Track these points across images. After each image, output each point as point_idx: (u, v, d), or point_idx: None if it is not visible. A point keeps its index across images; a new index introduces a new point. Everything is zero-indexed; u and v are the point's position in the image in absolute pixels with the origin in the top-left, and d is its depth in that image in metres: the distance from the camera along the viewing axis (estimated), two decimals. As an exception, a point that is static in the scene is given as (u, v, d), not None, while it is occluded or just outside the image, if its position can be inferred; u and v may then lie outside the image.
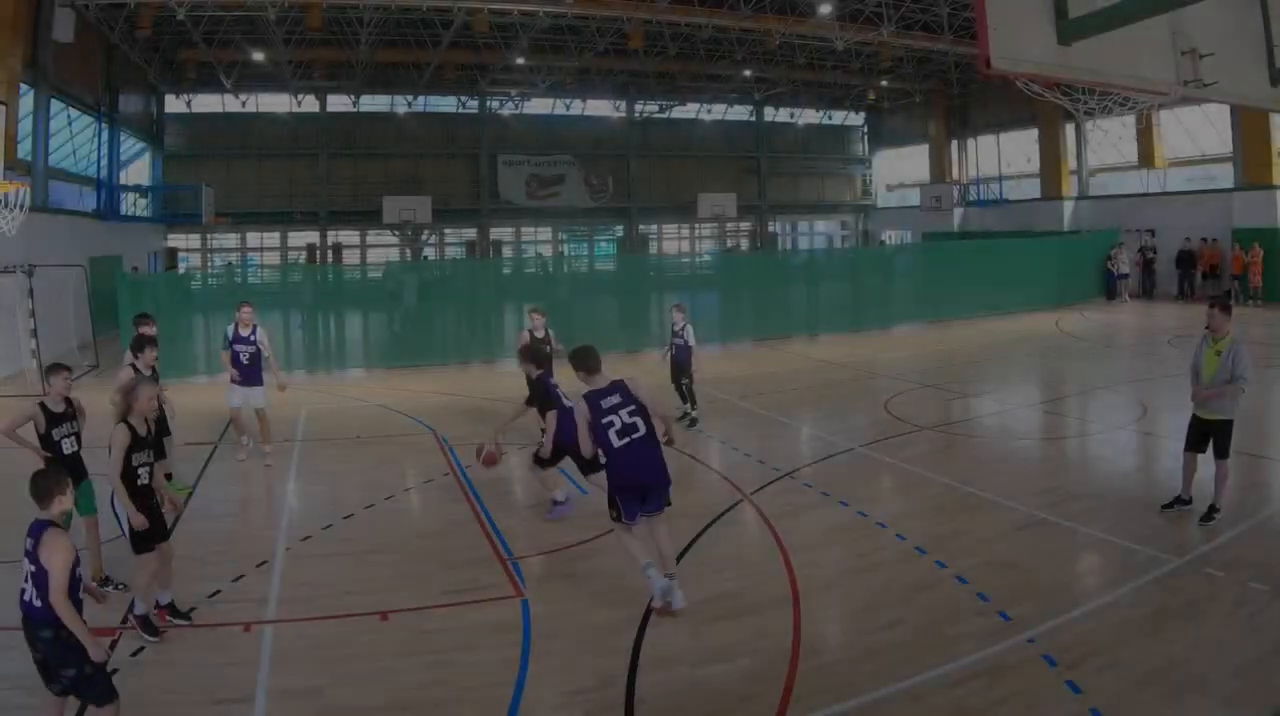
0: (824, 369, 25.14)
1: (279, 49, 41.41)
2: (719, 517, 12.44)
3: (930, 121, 57.40)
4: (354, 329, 28.80)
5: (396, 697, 7.93)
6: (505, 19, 39.82)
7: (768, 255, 54.14)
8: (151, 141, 48.87)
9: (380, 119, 55.02)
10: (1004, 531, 11.65)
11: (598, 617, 9.41)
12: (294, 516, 13.09)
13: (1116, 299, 39.83)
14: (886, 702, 7.64)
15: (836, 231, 67.12)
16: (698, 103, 58.83)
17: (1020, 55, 7.45)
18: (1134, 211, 43.41)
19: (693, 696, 7.88)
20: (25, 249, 23.53)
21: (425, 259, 54.13)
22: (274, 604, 9.82)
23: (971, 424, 18.55)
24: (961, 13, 37.83)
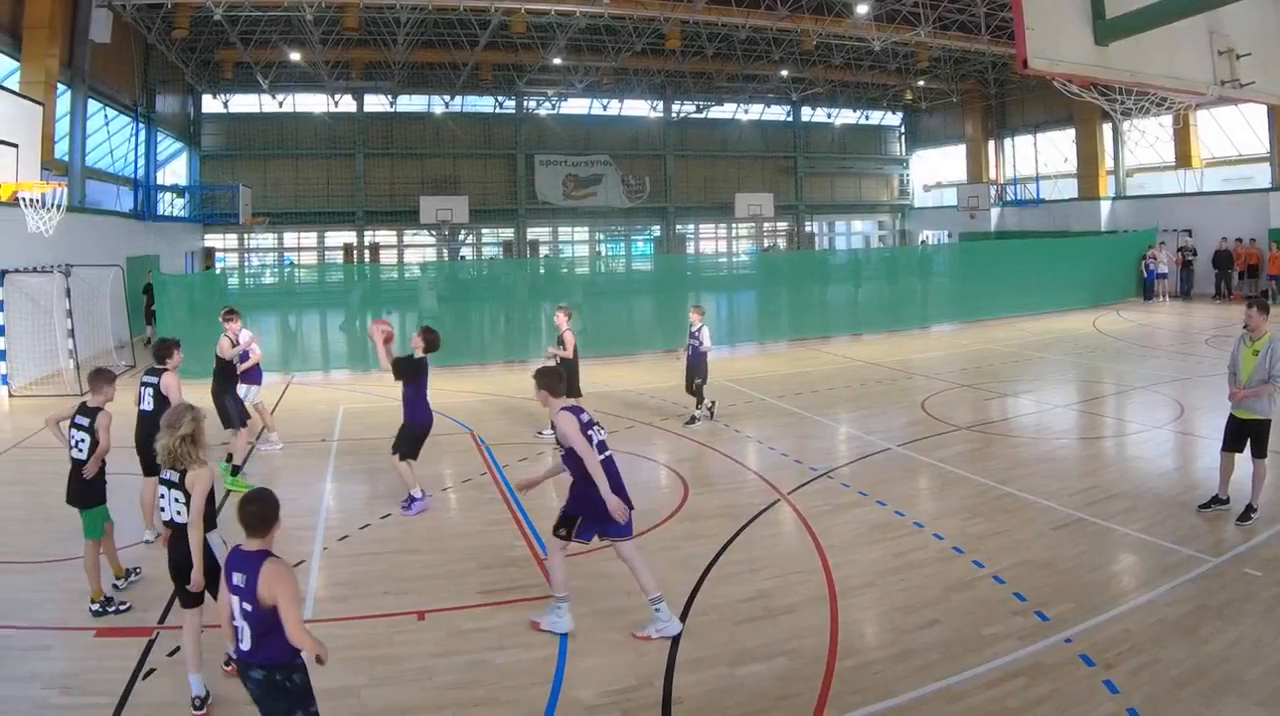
0: (861, 368, 25.11)
1: (316, 49, 41.59)
2: (756, 517, 12.43)
3: (967, 121, 57.27)
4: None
5: (433, 697, 7.95)
6: (542, 19, 39.85)
7: (805, 255, 53.92)
8: (188, 141, 49.17)
9: (417, 119, 55.08)
10: (1041, 531, 11.61)
11: (635, 617, 9.38)
12: (331, 516, 13.14)
13: (1154, 299, 39.61)
14: (924, 702, 7.65)
15: (873, 231, 67.03)
16: (735, 103, 58.76)
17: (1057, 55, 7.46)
18: (1171, 211, 43.25)
19: (730, 696, 7.86)
20: (63, 249, 23.67)
21: (462, 259, 54.29)
22: (311, 604, 9.85)
23: (1009, 423, 18.51)
24: (999, 13, 37.75)
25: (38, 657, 8.66)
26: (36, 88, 25.69)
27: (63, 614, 9.68)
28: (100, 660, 8.55)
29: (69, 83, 30.59)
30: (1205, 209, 41.43)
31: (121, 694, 7.89)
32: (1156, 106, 22.74)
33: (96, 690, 7.94)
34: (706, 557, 10.91)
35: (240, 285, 36.49)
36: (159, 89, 42.06)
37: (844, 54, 47.75)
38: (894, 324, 33.42)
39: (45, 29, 27.00)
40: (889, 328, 33.01)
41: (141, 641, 8.89)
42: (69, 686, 8.01)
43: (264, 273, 46.61)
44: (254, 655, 6.07)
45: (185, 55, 42.80)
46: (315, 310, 31.44)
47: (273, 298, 34.14)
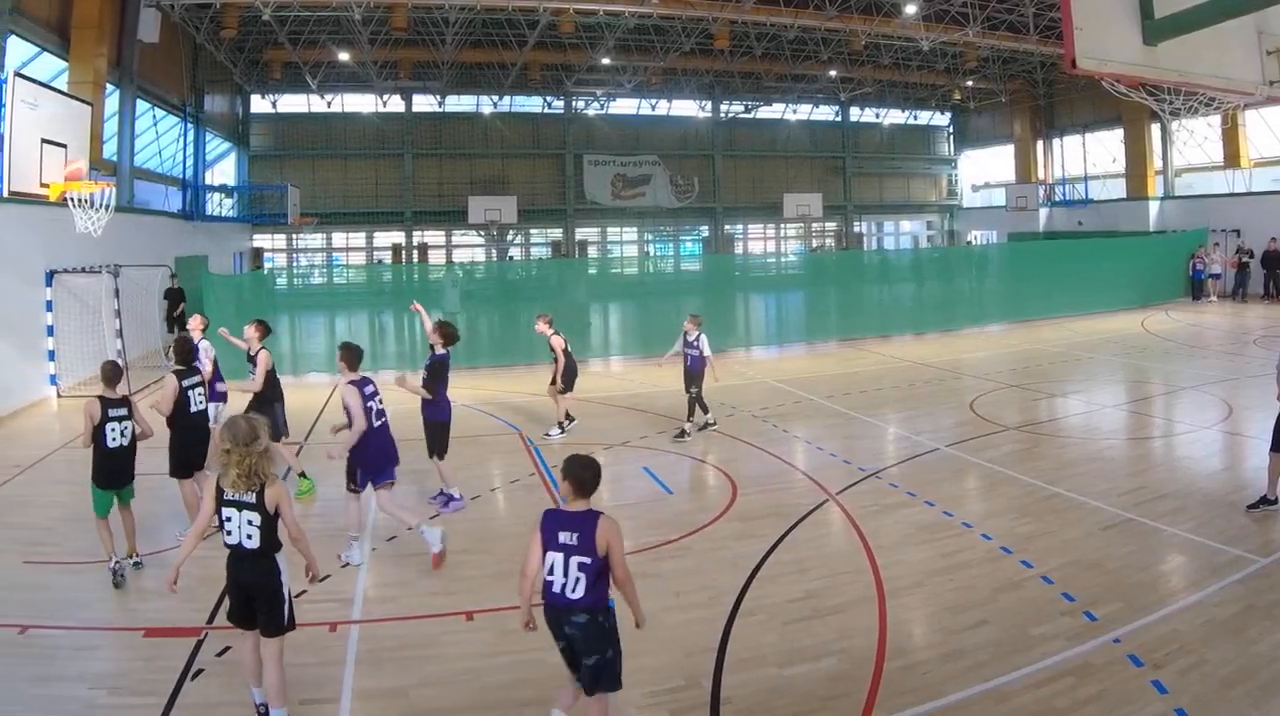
0: (910, 368, 25.06)
1: (364, 49, 41.76)
2: (805, 518, 12.43)
3: (1016, 121, 57.01)
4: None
5: (481, 698, 8.00)
6: (591, 19, 39.88)
7: (853, 255, 53.84)
8: (237, 141, 49.41)
9: (466, 119, 55.25)
10: (1090, 531, 11.58)
11: (683, 617, 9.44)
12: (379, 517, 13.03)
13: (1203, 299, 39.33)
14: (972, 702, 7.66)
15: (922, 231, 66.76)
16: (783, 103, 58.64)
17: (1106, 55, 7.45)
18: (1219, 211, 42.93)
19: (778, 696, 7.89)
20: (111, 249, 23.64)
21: (510, 259, 54.46)
22: (359, 604, 9.93)
23: (1057, 424, 18.44)
24: (1047, 13, 37.57)
25: (86, 657, 8.76)
26: (85, 88, 25.78)
27: (111, 614, 9.78)
28: (148, 660, 8.62)
29: (117, 83, 30.73)
30: (1254, 209, 41.05)
31: (170, 694, 7.95)
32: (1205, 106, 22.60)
33: (144, 690, 8.00)
34: (755, 558, 10.91)
35: (289, 285, 36.68)
36: (207, 89, 42.25)
37: (892, 54, 47.61)
38: (942, 324, 33.34)
39: (94, 29, 27.08)
40: (937, 327, 32.94)
41: (190, 642, 8.95)
42: (117, 686, 8.09)
43: (312, 273, 46.82)
44: (582, 601, 6.80)
45: (234, 55, 43.02)
46: (363, 311, 31.59)
47: (321, 298, 34.33)
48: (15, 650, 8.80)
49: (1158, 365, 24.59)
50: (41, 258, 22.04)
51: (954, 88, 55.74)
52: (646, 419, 19.06)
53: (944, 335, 31.93)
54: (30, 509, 13.04)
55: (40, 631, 9.21)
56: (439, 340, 13.64)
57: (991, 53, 46.43)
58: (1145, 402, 20.35)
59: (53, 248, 22.24)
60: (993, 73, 51.15)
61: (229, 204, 45.29)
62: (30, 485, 14.52)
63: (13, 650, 8.80)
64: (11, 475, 15.20)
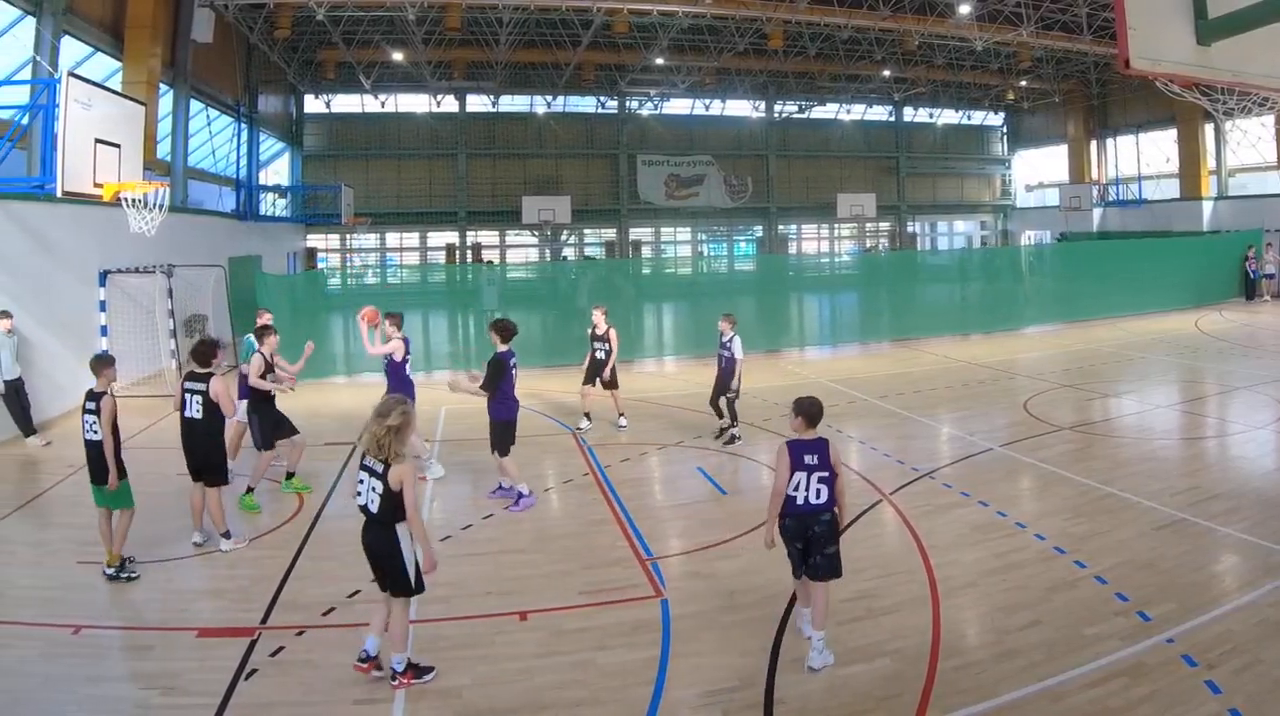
0: (963, 369, 25.05)
1: (418, 49, 42.04)
2: (859, 518, 12.46)
3: (1069, 121, 56.89)
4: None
5: (535, 698, 8.03)
6: (644, 19, 39.96)
7: (907, 255, 53.84)
8: (290, 142, 49.84)
9: (519, 119, 55.56)
10: (1143, 531, 11.57)
11: (737, 617, 9.48)
12: (433, 516, 13.21)
13: (1257, 298, 39.03)
14: (1026, 702, 7.67)
15: (976, 232, 66.68)
16: (837, 103, 58.66)
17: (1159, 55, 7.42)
18: (1274, 212, 42.66)
19: (832, 697, 7.92)
20: (165, 249, 23.90)
21: (564, 259, 54.54)
22: (413, 604, 9.92)
23: (1111, 424, 18.37)
24: (1101, 13, 37.44)
25: (139, 657, 8.87)
26: (139, 88, 25.92)
27: (164, 614, 9.85)
28: (202, 660, 8.69)
29: (171, 83, 31.02)
30: (1307, 209, 40.67)
31: (223, 694, 8.02)
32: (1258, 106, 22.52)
33: (198, 690, 8.08)
34: (809, 557, 10.90)
35: (342, 286, 36.90)
36: (261, 89, 42.54)
37: (946, 54, 47.56)
38: (996, 324, 33.28)
39: (147, 29, 27.30)
40: (991, 328, 32.88)
41: (243, 642, 9.03)
42: (170, 686, 8.15)
43: (366, 273, 47.12)
44: (825, 505, 8.64)
45: (287, 55, 43.44)
46: (417, 311, 31.75)
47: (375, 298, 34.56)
48: (69, 650, 8.91)
49: (1211, 365, 24.45)
50: (95, 258, 22.25)
51: (1008, 88, 55.61)
52: (700, 419, 19.01)
53: (997, 335, 31.85)
54: (83, 509, 13.13)
55: (94, 631, 9.33)
56: (496, 338, 13.62)
57: (1045, 53, 46.32)
58: (1199, 403, 20.20)
59: (107, 248, 22.44)
60: (1046, 73, 51.04)
61: (282, 204, 45.69)
62: (83, 485, 14.56)
63: (67, 650, 8.90)
64: (65, 475, 15.38)
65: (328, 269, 50.29)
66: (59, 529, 12.81)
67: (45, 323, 19.74)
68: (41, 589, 10.47)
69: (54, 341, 20.00)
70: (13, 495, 14.57)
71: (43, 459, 16.96)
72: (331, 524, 12.86)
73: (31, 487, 15.03)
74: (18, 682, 8.20)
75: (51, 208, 20.18)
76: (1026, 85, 53.78)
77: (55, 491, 14.70)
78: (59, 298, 20.57)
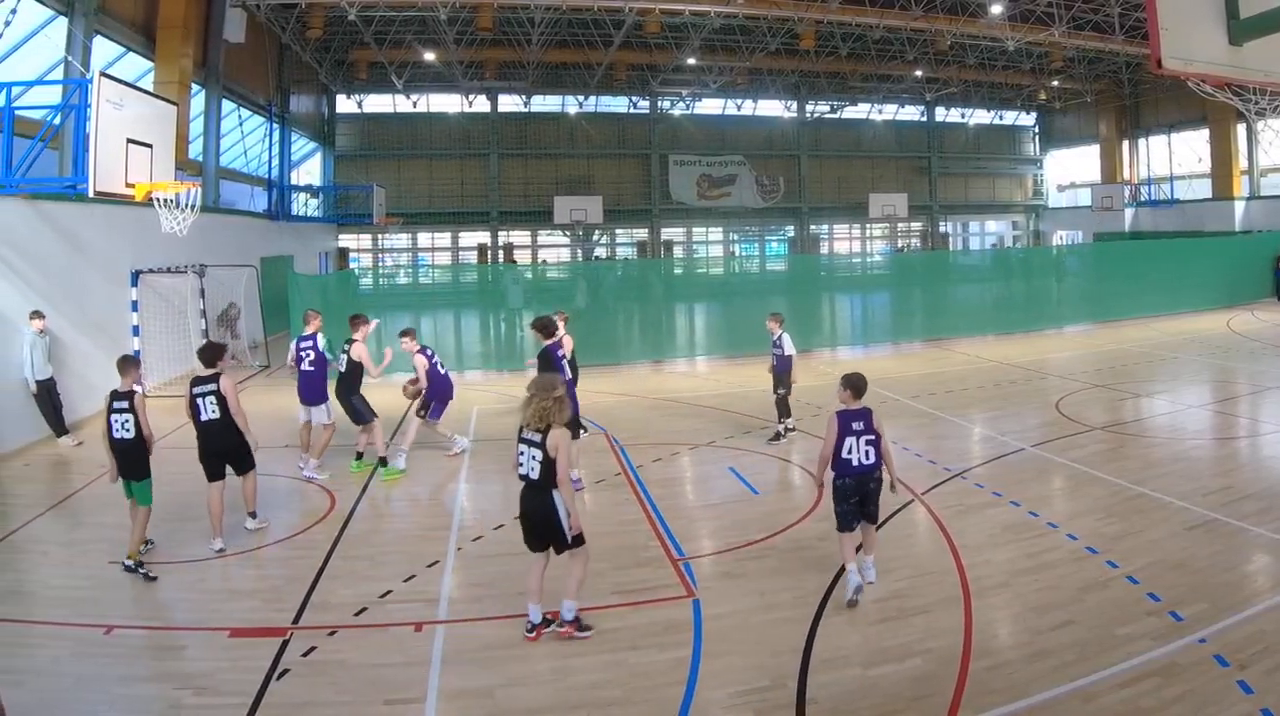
0: (995, 369, 25.02)
1: (450, 49, 42.13)
2: (890, 517, 12.39)
3: (1101, 121, 56.81)
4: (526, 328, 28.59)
5: (567, 698, 8.04)
6: (676, 19, 39.98)
7: (939, 255, 53.89)
8: (322, 141, 50.03)
9: (551, 119, 55.67)
10: (1175, 531, 11.55)
11: (768, 617, 9.49)
12: (465, 516, 13.25)
13: (1287, 299, 38.62)
14: (1057, 703, 7.65)
15: (1008, 231, 66.64)
16: (869, 103, 58.66)
17: (1191, 56, 7.41)
18: (1304, 212, 42.28)
19: (863, 697, 7.92)
20: (197, 249, 24.09)
21: (596, 259, 54.67)
22: (445, 604, 10.02)
23: (1142, 424, 18.34)
24: (1133, 13, 37.33)
25: (172, 657, 8.92)
26: (170, 88, 26.04)
27: (197, 614, 9.90)
28: (234, 660, 8.73)
29: (203, 83, 31.15)
30: (1339, 209, 40.49)
31: (255, 694, 8.05)
32: (1290, 106, 22.35)
33: (230, 690, 8.11)
34: (841, 557, 10.84)
35: (374, 286, 37.00)
36: (293, 89, 42.72)
37: (978, 54, 47.46)
38: (1027, 324, 33.22)
39: (179, 29, 27.39)
40: (1023, 328, 32.80)
41: (276, 642, 9.06)
42: (203, 686, 8.18)
43: (398, 273, 47.29)
44: (875, 465, 9.96)
45: (319, 55, 43.60)
46: (449, 310, 31.84)
47: (406, 298, 34.68)
48: (102, 650, 8.95)
49: (1243, 365, 24.39)
50: (127, 257, 22.35)
51: (1039, 88, 55.57)
52: (732, 419, 19.11)
53: (1029, 335, 31.79)
54: (116, 509, 13.17)
55: (126, 631, 9.37)
56: (539, 337, 14.09)
57: (1077, 53, 46.28)
58: (1231, 403, 20.11)
59: (138, 248, 22.55)
60: (1078, 73, 50.97)
61: (314, 204, 45.92)
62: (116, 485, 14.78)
63: (99, 650, 8.94)
64: (97, 475, 15.28)
65: (360, 269, 50.34)
66: (91, 528, 12.85)
67: (77, 323, 19.83)
68: (73, 589, 10.52)
69: (86, 341, 20.09)
70: (45, 495, 14.68)
71: (75, 459, 17.05)
72: (363, 524, 12.93)
73: (63, 487, 15.12)
74: (50, 682, 8.24)
75: (83, 208, 20.29)
76: (1058, 85, 53.69)
77: (87, 491, 14.76)
78: (91, 298, 20.65)
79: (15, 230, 17.89)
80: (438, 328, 31.11)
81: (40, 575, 11.05)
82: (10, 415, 17.12)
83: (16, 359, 17.34)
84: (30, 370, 17.41)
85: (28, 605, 10.02)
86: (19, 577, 10.91)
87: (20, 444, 17.37)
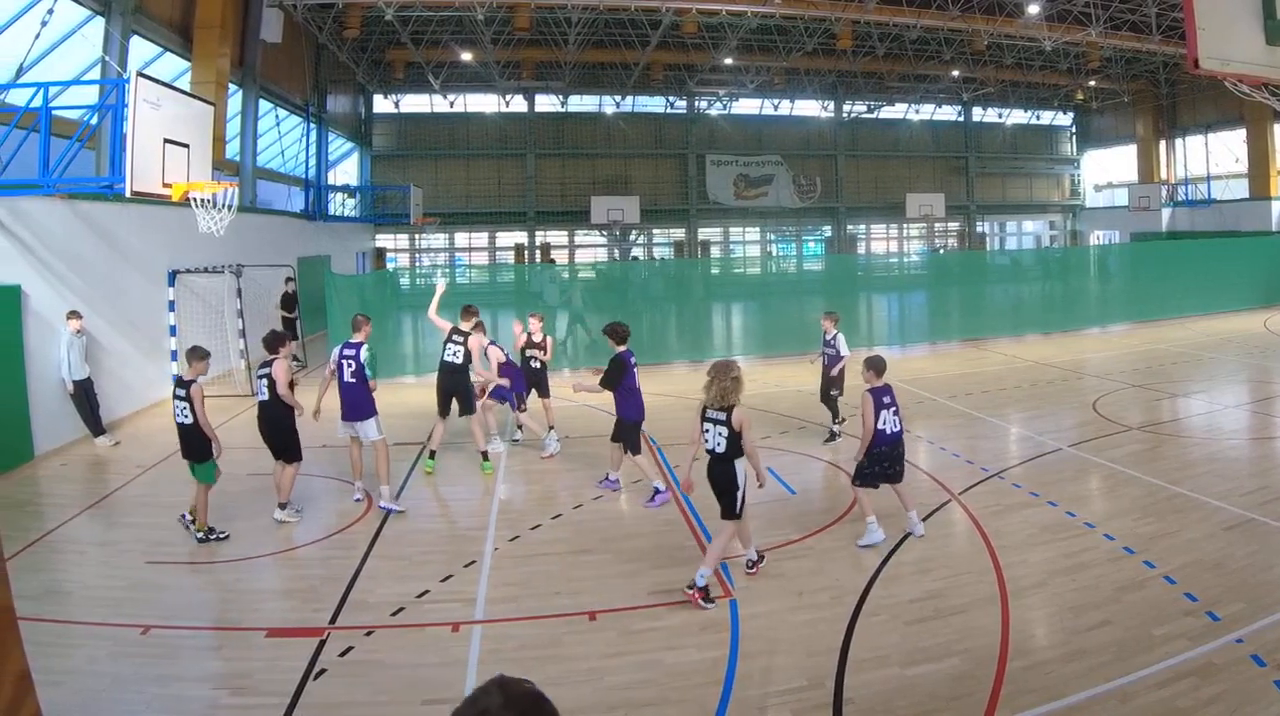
0: (1031, 369, 25.01)
1: (487, 49, 42.09)
2: (927, 518, 12.48)
3: (1138, 121, 56.52)
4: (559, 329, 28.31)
5: (604, 698, 8.08)
6: (713, 19, 40.00)
7: (975, 255, 53.77)
8: (359, 141, 50.17)
9: (588, 119, 55.69)
10: (1212, 531, 11.53)
11: (806, 617, 9.53)
12: (502, 517, 13.29)
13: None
14: (1094, 702, 7.66)
15: (1045, 231, 66.26)
16: (906, 103, 58.57)
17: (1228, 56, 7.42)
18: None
19: (901, 696, 7.94)
20: (233, 249, 24.17)
21: (634, 259, 54.69)
22: (482, 604, 10.06)
23: (1179, 424, 18.33)
24: (1170, 13, 37.27)
25: (209, 657, 9.00)
26: (207, 88, 26.02)
27: (235, 614, 10.00)
28: (271, 660, 8.79)
29: (240, 83, 31.26)
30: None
31: (292, 694, 8.11)
32: (1327, 107, 22.20)
33: (267, 690, 8.18)
34: (878, 558, 11.03)
35: (411, 285, 37.13)
36: (330, 89, 42.85)
37: (1015, 54, 47.32)
38: (1064, 324, 33.24)
39: (216, 29, 27.43)
40: (1060, 328, 32.81)
41: (313, 642, 9.13)
42: (240, 686, 8.25)
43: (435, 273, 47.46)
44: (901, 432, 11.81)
45: (356, 55, 43.59)
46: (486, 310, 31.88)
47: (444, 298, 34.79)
48: (138, 650, 9.02)
49: (1280, 365, 24.14)
50: (164, 257, 22.42)
51: (1076, 88, 55.32)
52: (770, 419, 19.14)
53: (1066, 335, 31.77)
54: (152, 509, 13.31)
55: (163, 631, 9.42)
56: (611, 342, 14.06)
57: (1114, 53, 46.06)
58: (1268, 402, 20.08)
59: (175, 248, 22.64)
60: (1115, 73, 50.70)
61: (351, 204, 46.11)
62: (152, 485, 14.79)
63: (136, 650, 9.01)
64: (134, 475, 15.60)
65: (397, 269, 50.49)
66: (128, 529, 12.92)
67: (114, 323, 19.95)
68: (110, 589, 10.60)
69: (123, 341, 20.25)
70: (82, 495, 14.75)
71: (112, 459, 17.14)
72: (400, 524, 12.97)
73: (100, 487, 15.19)
74: (87, 682, 8.30)
75: (120, 208, 20.37)
76: (1095, 85, 53.42)
77: (124, 491, 14.84)
78: (128, 298, 20.75)
79: (52, 230, 17.99)
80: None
81: (77, 575, 11.09)
82: (47, 415, 17.20)
83: (54, 359, 17.42)
84: (67, 370, 17.47)
85: (65, 605, 10.07)
86: (56, 577, 10.96)
87: (57, 444, 17.45)
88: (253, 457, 13.25)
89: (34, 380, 16.81)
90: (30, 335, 16.81)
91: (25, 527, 12.73)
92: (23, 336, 16.62)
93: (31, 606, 9.54)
